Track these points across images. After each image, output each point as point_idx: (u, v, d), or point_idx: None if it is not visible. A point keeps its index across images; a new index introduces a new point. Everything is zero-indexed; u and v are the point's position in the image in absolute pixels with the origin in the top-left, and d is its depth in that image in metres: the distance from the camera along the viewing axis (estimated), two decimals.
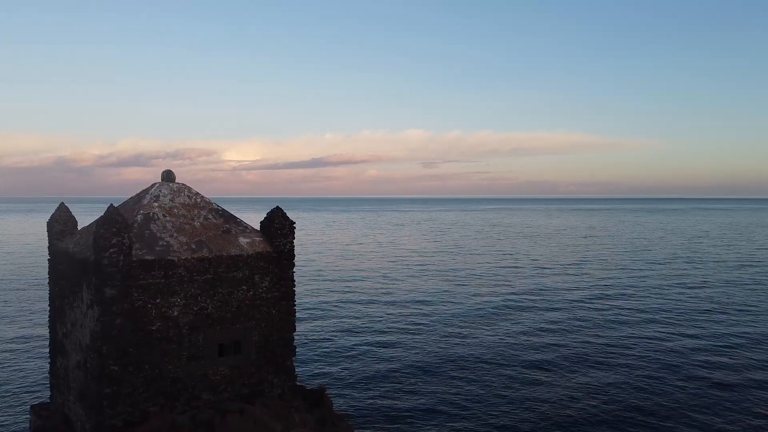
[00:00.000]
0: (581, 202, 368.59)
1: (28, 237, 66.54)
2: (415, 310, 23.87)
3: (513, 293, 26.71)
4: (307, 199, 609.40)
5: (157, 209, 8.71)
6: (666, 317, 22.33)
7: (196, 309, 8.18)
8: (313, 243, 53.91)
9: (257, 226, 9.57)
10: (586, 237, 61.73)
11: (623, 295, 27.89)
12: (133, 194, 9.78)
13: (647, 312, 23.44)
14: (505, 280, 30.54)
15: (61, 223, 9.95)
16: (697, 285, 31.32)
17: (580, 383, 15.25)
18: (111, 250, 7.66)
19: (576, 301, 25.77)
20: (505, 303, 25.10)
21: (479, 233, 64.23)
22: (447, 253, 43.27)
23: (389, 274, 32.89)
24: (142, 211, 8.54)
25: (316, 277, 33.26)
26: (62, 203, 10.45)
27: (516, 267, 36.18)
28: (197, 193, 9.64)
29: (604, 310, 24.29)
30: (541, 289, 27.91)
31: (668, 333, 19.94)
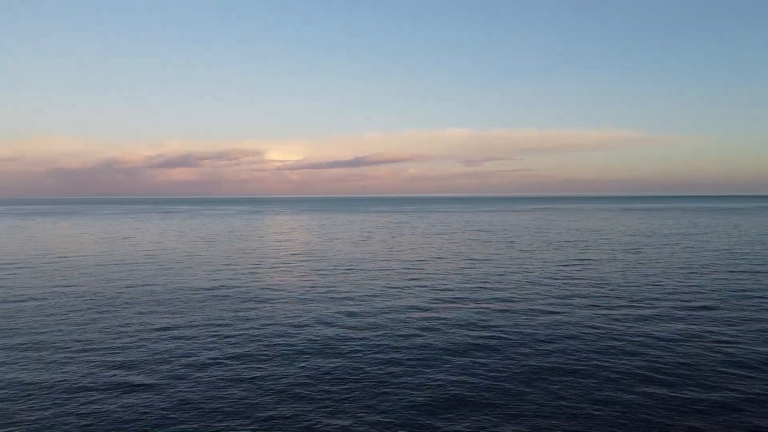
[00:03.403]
0: (627, 200, 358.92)
1: (88, 238, 68.38)
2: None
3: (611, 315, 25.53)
4: (347, 199, 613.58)
5: None
6: None
7: None
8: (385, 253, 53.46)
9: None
10: (661, 241, 59.35)
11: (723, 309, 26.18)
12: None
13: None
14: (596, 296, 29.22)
15: None
16: None
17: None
18: None
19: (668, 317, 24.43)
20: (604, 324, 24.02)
21: (547, 241, 62.60)
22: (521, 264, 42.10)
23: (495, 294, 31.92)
24: None
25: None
26: None
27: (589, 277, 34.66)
28: None
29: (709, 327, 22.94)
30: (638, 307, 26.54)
31: None
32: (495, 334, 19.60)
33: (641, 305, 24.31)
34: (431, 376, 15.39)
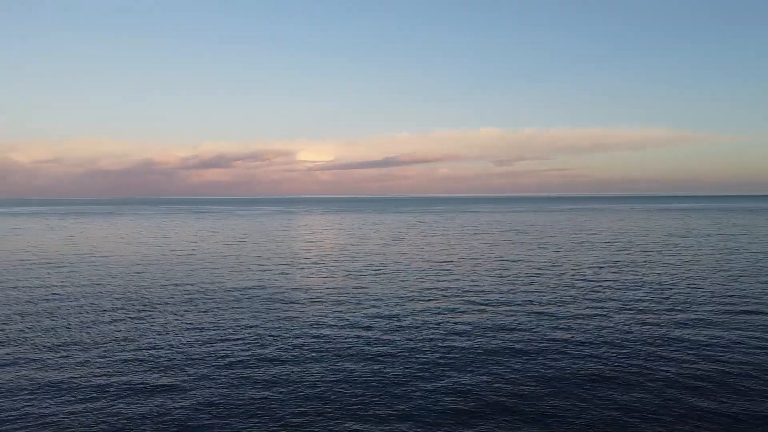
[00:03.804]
0: (663, 200, 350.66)
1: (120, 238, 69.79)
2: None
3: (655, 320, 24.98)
4: (378, 199, 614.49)
5: None
6: None
7: None
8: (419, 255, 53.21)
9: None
10: (698, 242, 57.90)
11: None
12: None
13: None
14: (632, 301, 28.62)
15: None
16: None
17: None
18: None
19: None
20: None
21: (580, 243, 61.57)
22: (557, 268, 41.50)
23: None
24: None
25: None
26: None
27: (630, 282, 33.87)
28: None
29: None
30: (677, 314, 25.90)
31: None
32: (527, 338, 19.32)
33: (678, 309, 23.68)
34: (462, 381, 15.23)
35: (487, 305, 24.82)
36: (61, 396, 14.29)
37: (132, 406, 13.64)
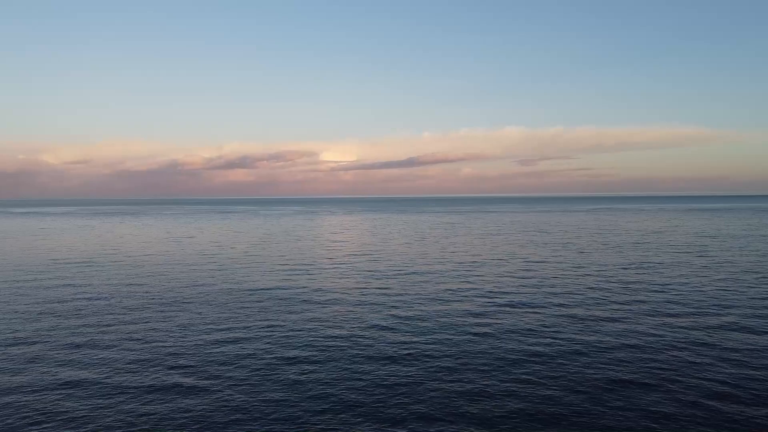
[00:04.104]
0: (691, 200, 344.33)
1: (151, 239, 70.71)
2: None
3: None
4: (401, 199, 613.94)
5: None
6: None
7: None
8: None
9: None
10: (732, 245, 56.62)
11: None
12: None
13: None
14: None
15: None
16: None
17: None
18: None
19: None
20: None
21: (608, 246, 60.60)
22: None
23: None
24: None
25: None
26: None
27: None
28: None
29: None
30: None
31: None
32: (551, 341, 19.10)
33: (707, 313, 23.19)
34: (484, 384, 15.11)
35: (510, 307, 24.60)
36: (86, 394, 14.52)
37: (154, 405, 13.81)
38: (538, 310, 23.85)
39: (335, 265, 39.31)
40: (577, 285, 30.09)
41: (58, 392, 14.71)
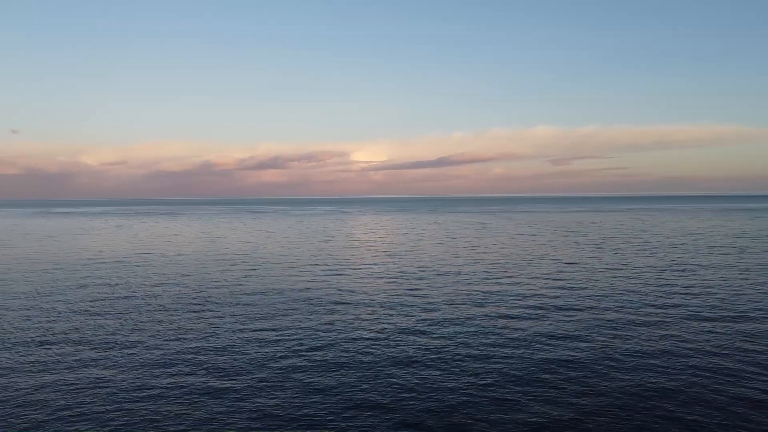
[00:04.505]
0: (731, 200, 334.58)
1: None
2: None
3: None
4: (431, 199, 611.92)
5: None
6: None
7: None
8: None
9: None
10: None
11: None
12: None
13: None
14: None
15: None
16: None
17: None
18: None
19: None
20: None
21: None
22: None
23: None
24: None
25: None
26: None
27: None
28: None
29: None
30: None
31: None
32: (583, 347, 18.69)
33: (748, 318, 22.42)
34: (516, 392, 14.85)
35: (542, 310, 24.20)
36: (118, 395, 14.74)
37: (184, 407, 13.93)
38: (572, 314, 23.41)
39: (366, 266, 39.31)
40: (612, 288, 29.47)
41: (88, 391, 14.96)
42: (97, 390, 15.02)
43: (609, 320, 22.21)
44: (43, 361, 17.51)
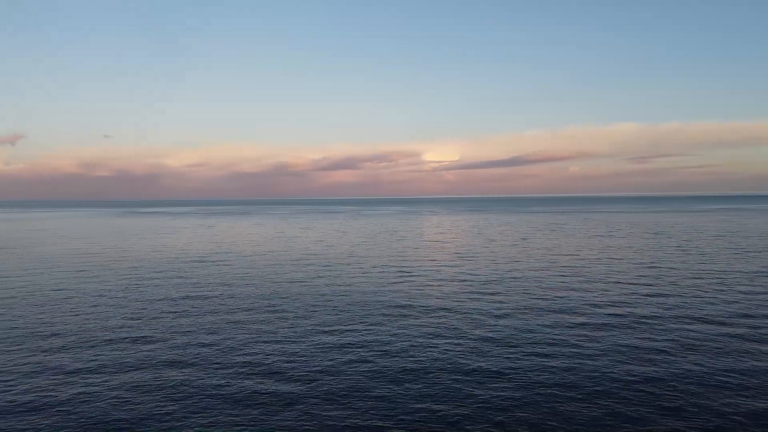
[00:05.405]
0: None
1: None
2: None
3: None
4: (504, 199, 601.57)
5: None
6: None
7: None
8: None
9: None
10: None
11: None
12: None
13: None
14: None
15: None
16: None
17: None
18: None
19: None
20: None
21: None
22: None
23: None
24: None
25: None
26: None
27: None
28: None
29: None
30: None
31: None
32: (667, 361, 17.65)
33: None
34: (589, 410, 14.22)
35: (620, 317, 23.07)
36: (187, 392, 15.21)
37: (249, 409, 14.19)
38: (655, 323, 22.23)
39: (437, 268, 39.00)
40: (697, 295, 27.80)
41: (159, 392, 15.52)
42: (176, 390, 15.56)
43: (695, 331, 20.89)
44: (126, 361, 18.36)
